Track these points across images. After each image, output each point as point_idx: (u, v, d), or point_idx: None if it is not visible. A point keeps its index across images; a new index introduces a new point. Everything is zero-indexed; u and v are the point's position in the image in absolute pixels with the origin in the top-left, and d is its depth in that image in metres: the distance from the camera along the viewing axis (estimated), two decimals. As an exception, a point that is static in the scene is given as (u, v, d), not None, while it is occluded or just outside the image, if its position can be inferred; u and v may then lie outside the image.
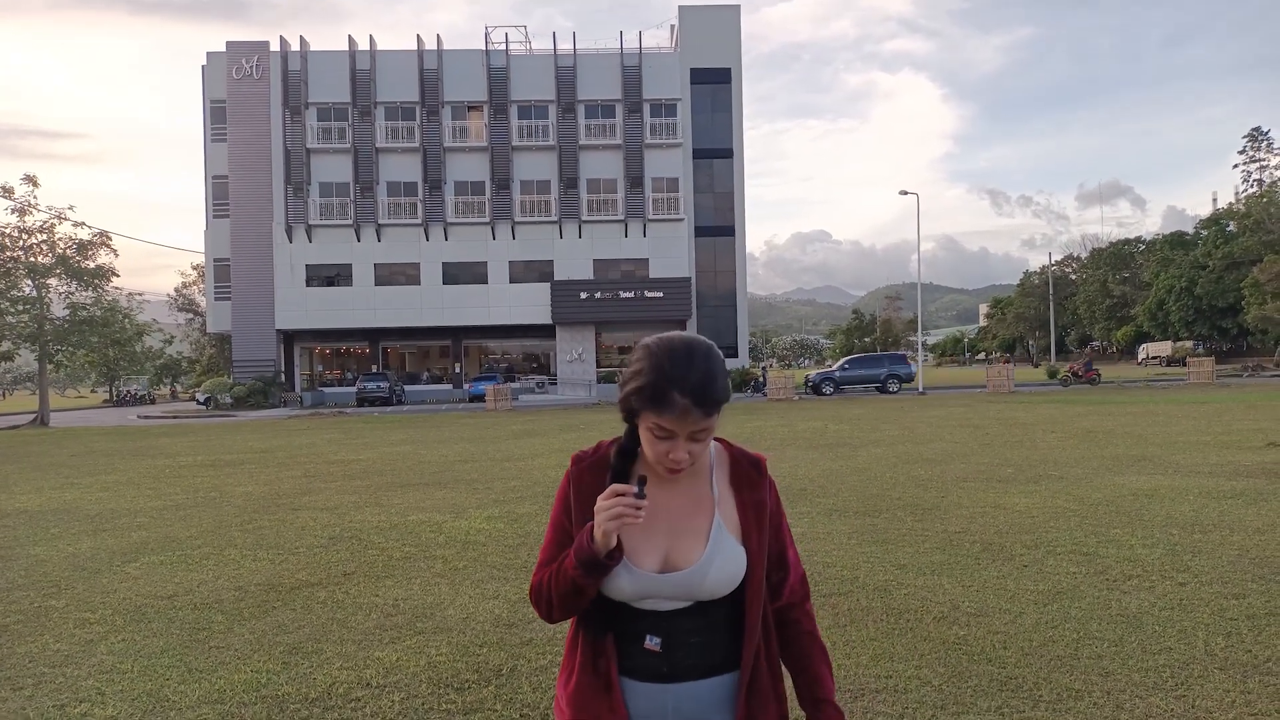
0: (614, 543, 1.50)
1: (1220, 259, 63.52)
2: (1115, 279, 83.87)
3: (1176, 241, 74.65)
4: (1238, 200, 66.09)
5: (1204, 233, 69.79)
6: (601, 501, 1.49)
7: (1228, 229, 65.98)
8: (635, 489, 1.47)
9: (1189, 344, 66.55)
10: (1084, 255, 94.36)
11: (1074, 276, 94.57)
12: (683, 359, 1.47)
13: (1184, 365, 44.44)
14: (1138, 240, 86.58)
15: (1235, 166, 65.34)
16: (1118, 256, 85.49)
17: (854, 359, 37.61)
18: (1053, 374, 45.73)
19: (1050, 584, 5.35)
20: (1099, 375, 37.71)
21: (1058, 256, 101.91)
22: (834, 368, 38.19)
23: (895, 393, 34.98)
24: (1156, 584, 5.26)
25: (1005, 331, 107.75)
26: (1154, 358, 69.42)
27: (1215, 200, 75.12)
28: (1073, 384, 36.48)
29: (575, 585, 1.54)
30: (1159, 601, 4.90)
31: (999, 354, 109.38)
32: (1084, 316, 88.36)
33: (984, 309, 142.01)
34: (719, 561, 1.58)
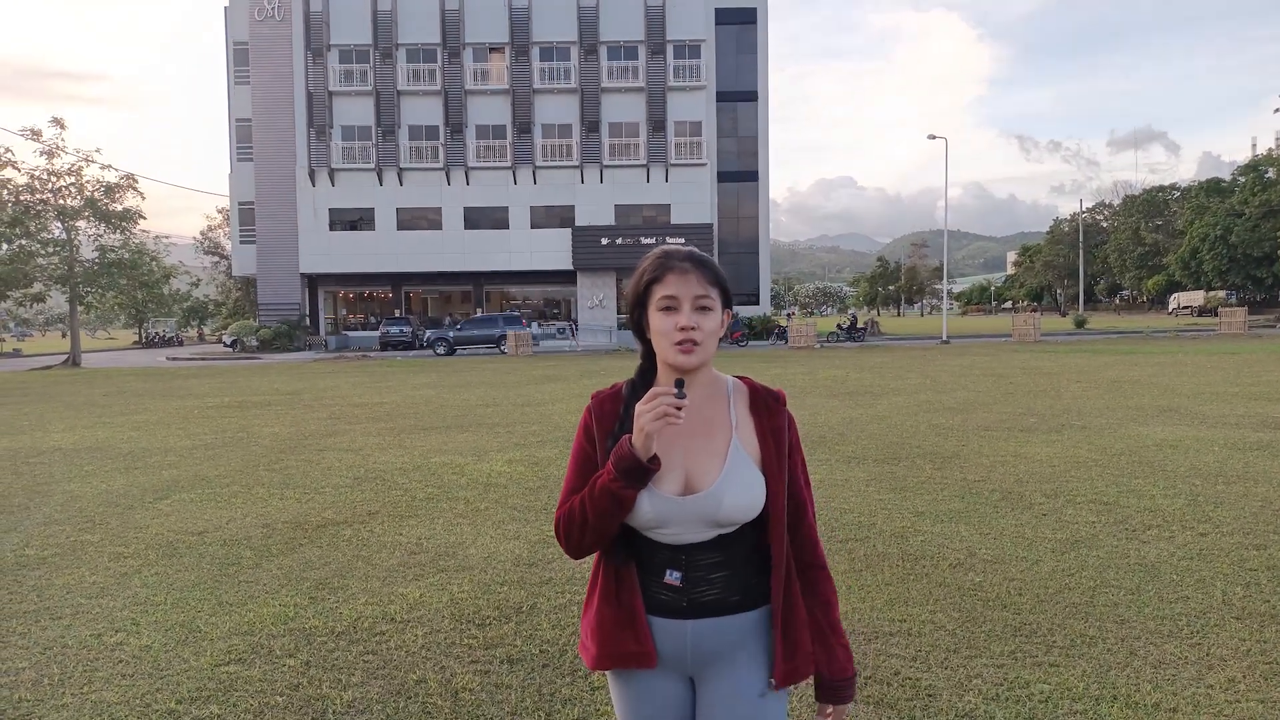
0: (654, 447, 1.52)
1: (1257, 207, 61.95)
2: (1148, 227, 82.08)
3: (1213, 188, 72.70)
4: (1278, 145, 64.17)
5: (1241, 179, 67.91)
6: (641, 405, 1.51)
7: (1266, 175, 64.18)
8: (675, 390, 1.50)
9: (1221, 294, 65.33)
10: (1116, 202, 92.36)
11: (1105, 224, 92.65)
12: (678, 245, 1.68)
13: (1215, 315, 43.73)
14: (1172, 187, 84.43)
15: (1276, 111, 63.29)
16: (1151, 204, 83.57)
17: (471, 320, 36.98)
18: (1080, 323, 45.21)
19: (1068, 533, 5.35)
20: (866, 332, 37.44)
21: (1088, 203, 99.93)
22: (448, 327, 37.27)
23: (506, 353, 34.41)
24: (1176, 534, 5.25)
25: (1033, 280, 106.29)
26: (1185, 307, 68.27)
27: (1255, 146, 73.01)
28: (844, 339, 35.83)
29: (614, 497, 1.55)
30: (1178, 551, 4.90)
31: (1026, 303, 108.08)
32: (1114, 265, 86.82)
33: (1012, 257, 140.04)
34: (735, 483, 1.59)
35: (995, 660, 3.52)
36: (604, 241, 41.98)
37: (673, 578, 1.62)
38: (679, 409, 1.48)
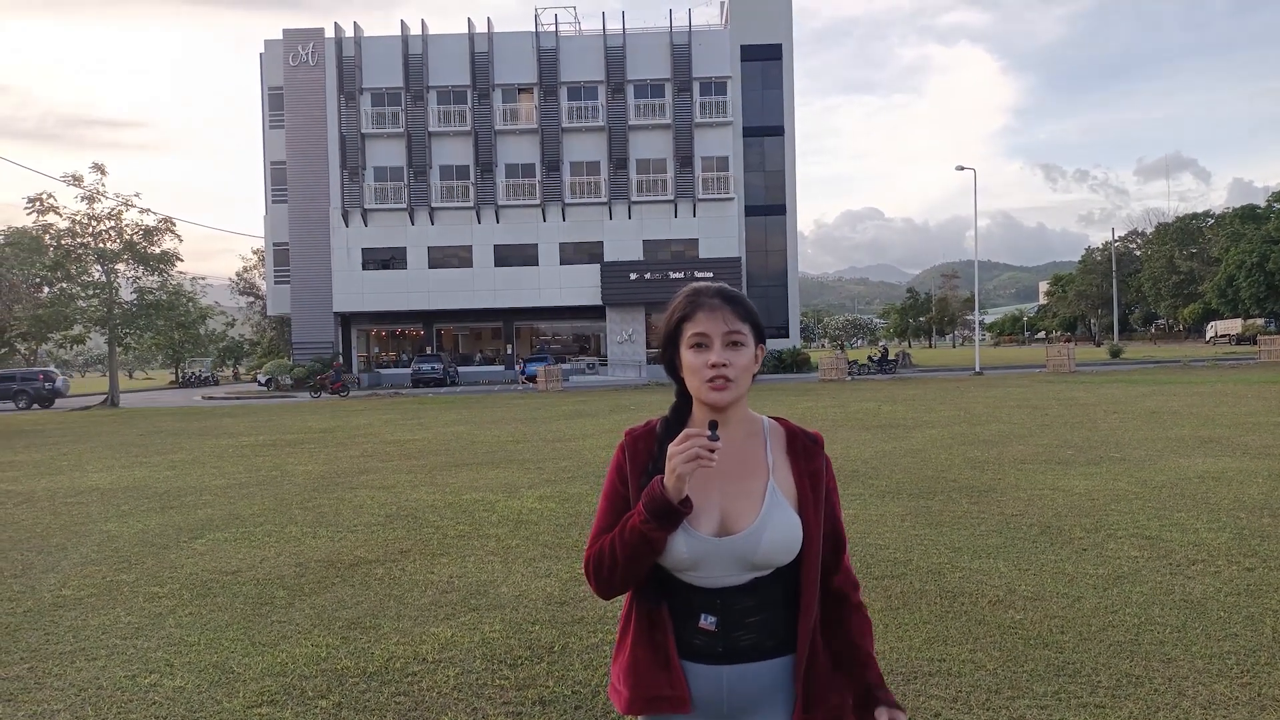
0: (686, 489, 1.50)
1: (1294, 233, 60.99)
2: (1182, 254, 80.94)
3: (1247, 215, 71.65)
4: (1315, 171, 63.20)
5: (1277, 205, 66.95)
6: (674, 447, 1.49)
7: (1303, 201, 63.26)
8: (708, 432, 1.48)
9: (1260, 321, 64.05)
10: (1149, 230, 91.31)
11: (1138, 253, 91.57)
12: (708, 283, 1.70)
13: (1255, 343, 42.84)
14: (1206, 214, 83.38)
15: (1311, 136, 62.61)
16: (1184, 231, 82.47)
17: None
18: (1115, 353, 44.50)
19: (1110, 568, 5.23)
20: (897, 364, 37.38)
21: (1119, 232, 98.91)
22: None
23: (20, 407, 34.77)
24: (1223, 569, 5.11)
25: (1066, 310, 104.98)
26: (1223, 336, 66.99)
27: (1290, 171, 71.77)
28: (875, 371, 35.42)
29: (644, 539, 1.52)
30: (1225, 587, 4.76)
31: (1059, 333, 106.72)
32: (1149, 294, 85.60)
33: (1044, 286, 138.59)
34: (773, 525, 1.57)
35: (1039, 701, 3.42)
36: (632, 277, 42.19)
37: (708, 622, 1.58)
38: (712, 451, 1.46)
